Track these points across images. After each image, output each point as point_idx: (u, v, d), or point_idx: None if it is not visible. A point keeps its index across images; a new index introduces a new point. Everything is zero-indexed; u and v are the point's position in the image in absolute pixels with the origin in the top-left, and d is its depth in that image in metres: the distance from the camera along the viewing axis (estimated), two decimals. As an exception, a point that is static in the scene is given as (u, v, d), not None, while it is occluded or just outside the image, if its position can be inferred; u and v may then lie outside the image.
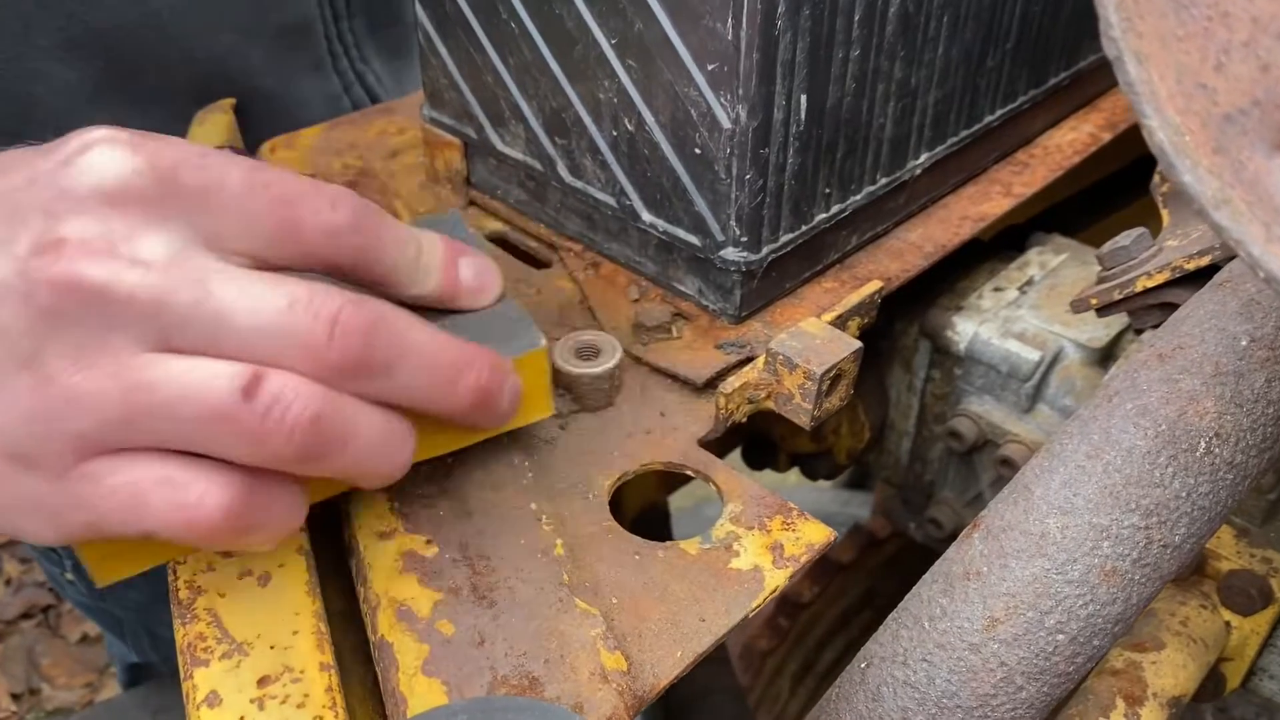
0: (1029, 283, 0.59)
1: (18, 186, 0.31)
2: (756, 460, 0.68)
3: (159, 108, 0.62)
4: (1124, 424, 0.37)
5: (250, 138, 0.63)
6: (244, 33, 0.66)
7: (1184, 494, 0.35)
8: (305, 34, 0.71)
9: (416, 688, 0.33)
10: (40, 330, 0.29)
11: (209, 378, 0.30)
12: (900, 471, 0.65)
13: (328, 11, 0.71)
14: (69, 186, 0.31)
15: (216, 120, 0.63)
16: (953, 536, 0.64)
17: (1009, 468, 0.56)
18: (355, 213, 0.34)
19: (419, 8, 0.53)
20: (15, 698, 1.75)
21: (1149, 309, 0.48)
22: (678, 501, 1.08)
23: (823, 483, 0.76)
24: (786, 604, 1.06)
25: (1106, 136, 0.64)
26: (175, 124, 0.64)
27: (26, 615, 1.85)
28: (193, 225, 0.32)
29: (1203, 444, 0.36)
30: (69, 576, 0.83)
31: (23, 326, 0.29)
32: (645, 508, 0.85)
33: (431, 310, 0.38)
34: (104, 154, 0.31)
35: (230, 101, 0.65)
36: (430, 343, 0.34)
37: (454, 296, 0.39)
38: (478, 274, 0.39)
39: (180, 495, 0.31)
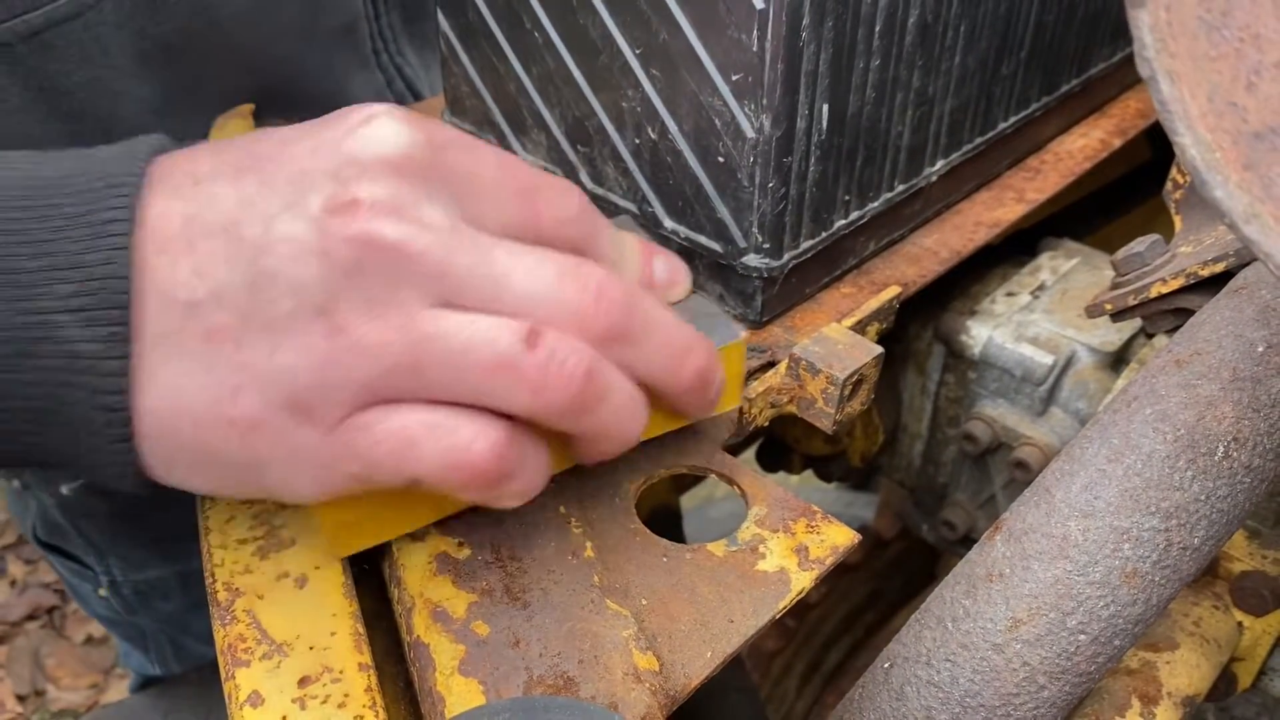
0: (1041, 287, 0.60)
1: (301, 154, 0.33)
2: (770, 462, 0.69)
3: (220, 113, 0.63)
4: (1143, 429, 0.37)
5: None
6: (300, 36, 0.68)
7: (1203, 497, 0.36)
8: (353, 33, 0.72)
9: (454, 687, 0.34)
10: (335, 284, 0.31)
11: (494, 330, 0.32)
12: (913, 474, 0.66)
13: (370, 9, 0.72)
14: (355, 153, 0.32)
15: (236, 125, 0.64)
16: (965, 538, 0.65)
17: (1023, 470, 0.57)
18: (581, 206, 0.37)
19: (441, 16, 0.53)
20: (21, 699, 1.76)
21: (1163, 314, 0.48)
22: (683, 501, 1.09)
23: (827, 484, 0.76)
24: (794, 605, 1.07)
25: (1117, 142, 0.64)
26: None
27: (32, 616, 1.86)
28: (457, 199, 0.34)
29: (1221, 448, 0.37)
30: (102, 593, 0.83)
31: (319, 281, 0.31)
32: (657, 508, 0.86)
33: None
34: (387, 126, 0.33)
35: (249, 107, 0.66)
36: (669, 321, 0.37)
37: (649, 289, 0.40)
38: (670, 270, 0.41)
39: (451, 439, 0.32)
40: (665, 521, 0.87)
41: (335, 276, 0.31)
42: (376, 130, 0.33)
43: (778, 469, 0.69)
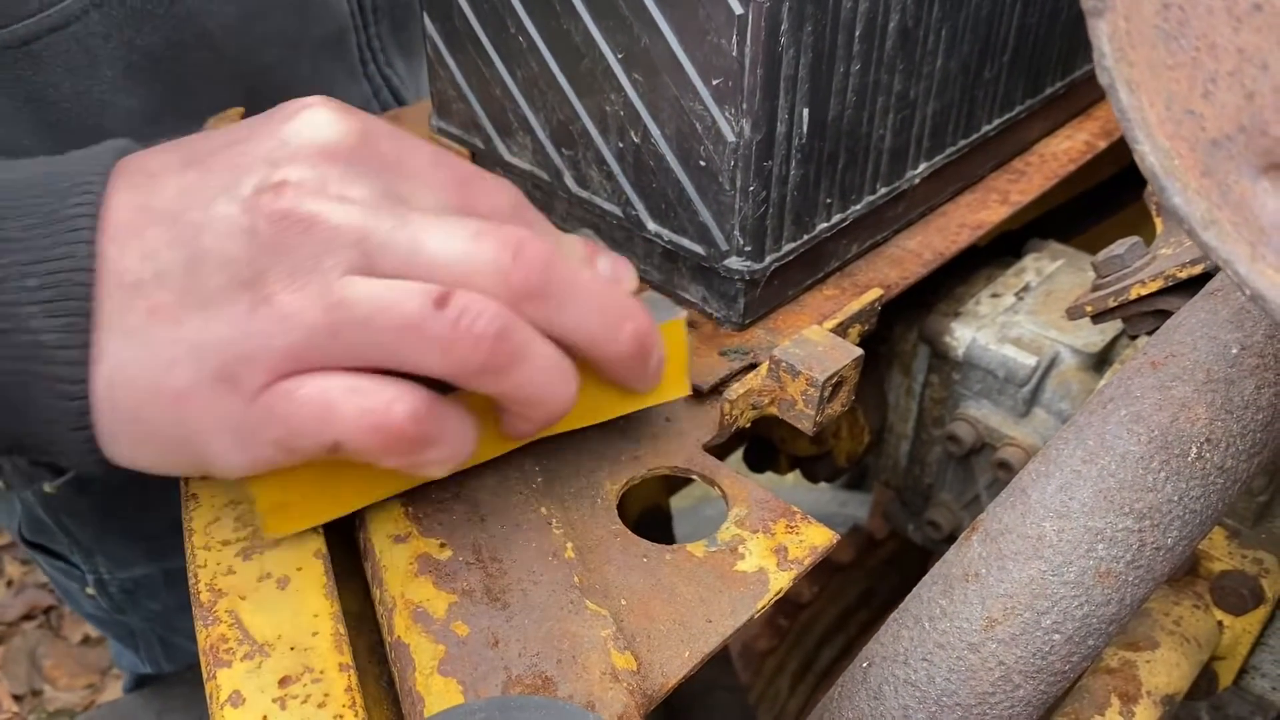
0: (1025, 289, 0.61)
1: (241, 141, 0.35)
2: (757, 462, 0.69)
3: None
4: (1118, 430, 0.38)
5: None
6: (289, 46, 0.68)
7: (1176, 498, 0.37)
8: (341, 43, 0.72)
9: (433, 687, 0.34)
10: (261, 258, 0.33)
11: (405, 293, 0.33)
12: (899, 474, 0.67)
13: (358, 19, 0.73)
14: (285, 140, 0.34)
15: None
16: (951, 538, 0.65)
17: (1006, 470, 0.57)
18: (516, 201, 0.38)
19: (427, 20, 0.54)
20: (17, 699, 1.76)
21: (1143, 315, 0.49)
22: (677, 501, 1.09)
23: (821, 484, 0.77)
24: (786, 604, 1.08)
25: (1101, 144, 0.65)
26: None
27: (28, 617, 1.86)
28: (388, 183, 0.35)
29: (1194, 449, 0.37)
30: (89, 591, 0.84)
31: (246, 256, 0.33)
32: (648, 509, 0.86)
33: None
34: (317, 114, 0.35)
35: (239, 110, 0.66)
36: (599, 284, 0.37)
37: None
38: (614, 266, 0.41)
39: (369, 401, 0.33)
40: (655, 522, 0.87)
41: (261, 251, 0.33)
42: (309, 118, 0.35)
43: (765, 469, 0.70)
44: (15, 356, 0.32)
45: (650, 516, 0.88)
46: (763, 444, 0.69)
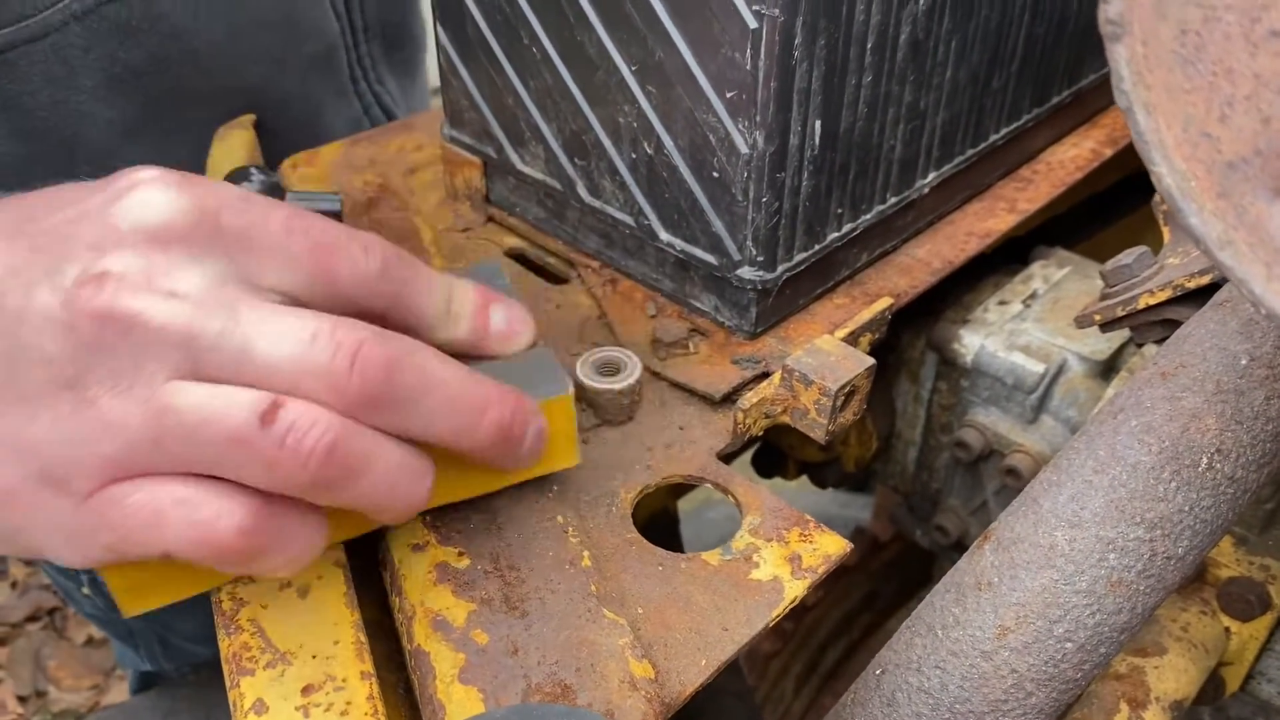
0: (1032, 296, 0.61)
1: (69, 220, 0.33)
2: (765, 468, 0.70)
3: (192, 139, 0.64)
4: (1129, 440, 0.38)
5: (279, 163, 0.64)
6: (276, 63, 0.68)
7: (1187, 508, 0.37)
8: (330, 61, 0.72)
9: (454, 695, 0.35)
10: (81, 358, 0.31)
11: (229, 404, 0.31)
12: (907, 480, 0.67)
13: (349, 37, 0.73)
14: (115, 223, 0.32)
15: (238, 137, 0.64)
16: (959, 542, 0.66)
17: (1014, 477, 0.58)
18: (386, 261, 0.36)
19: (440, 30, 0.54)
20: (22, 700, 1.76)
21: (1151, 325, 0.49)
22: (680, 504, 1.09)
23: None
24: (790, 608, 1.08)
25: (1108, 152, 0.65)
26: (204, 154, 0.66)
27: (33, 618, 1.86)
28: (233, 262, 0.33)
29: (1205, 460, 0.37)
30: (85, 591, 0.84)
31: (66, 354, 0.31)
32: (656, 513, 0.86)
33: (466, 356, 0.39)
34: (151, 193, 0.33)
35: (251, 118, 0.67)
36: (454, 379, 0.35)
37: (484, 342, 0.40)
38: (509, 320, 0.40)
39: (196, 514, 0.32)
40: (663, 526, 0.87)
41: (81, 350, 0.31)
42: (140, 197, 0.33)
43: (772, 475, 0.70)
44: None
45: (659, 521, 0.88)
46: (771, 449, 0.70)
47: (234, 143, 0.64)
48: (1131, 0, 0.23)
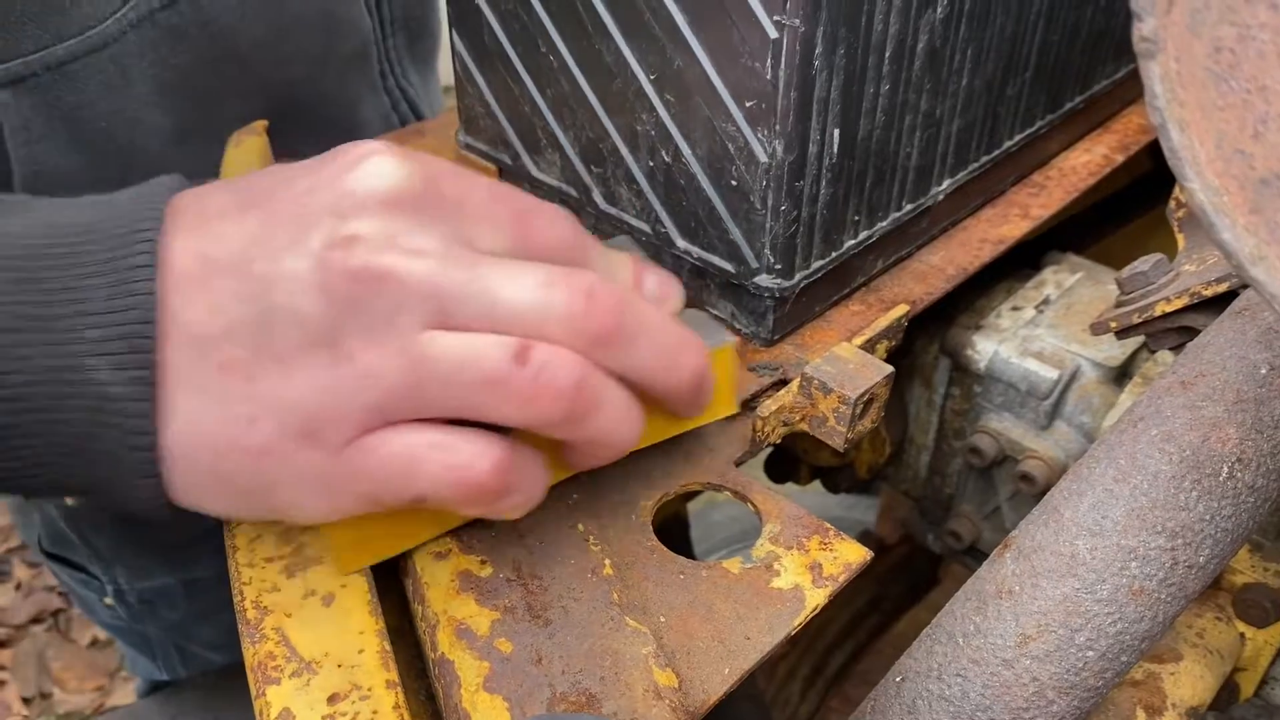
0: (1045, 302, 0.61)
1: (301, 193, 0.34)
2: (778, 473, 0.70)
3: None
4: (1149, 449, 0.38)
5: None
6: (315, 62, 0.69)
7: (1208, 517, 0.37)
8: (364, 57, 0.73)
9: (479, 704, 0.35)
10: (336, 316, 0.33)
11: (484, 347, 0.33)
12: (919, 485, 0.67)
13: (378, 32, 0.73)
14: (350, 190, 0.34)
15: (251, 144, 0.64)
16: (971, 548, 0.66)
17: (1028, 483, 0.58)
18: (573, 227, 0.38)
19: (456, 37, 0.54)
20: (26, 701, 1.76)
21: (1167, 332, 0.49)
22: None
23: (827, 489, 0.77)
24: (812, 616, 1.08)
25: (1120, 157, 0.65)
26: None
27: (37, 620, 1.86)
28: (452, 227, 0.35)
29: (1225, 469, 0.37)
30: (108, 601, 0.84)
31: (321, 313, 0.33)
32: (668, 519, 0.87)
33: None
34: (380, 163, 0.35)
35: (263, 123, 0.67)
36: (662, 321, 0.37)
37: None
38: (661, 285, 0.41)
39: (453, 457, 0.34)
40: (674, 532, 0.88)
41: (336, 309, 0.33)
42: (372, 167, 0.34)
43: (785, 480, 0.70)
44: (82, 408, 0.32)
45: (669, 526, 0.88)
46: (784, 455, 0.70)
47: (248, 149, 0.64)
48: (1165, 17, 0.24)
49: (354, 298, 0.33)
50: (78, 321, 0.32)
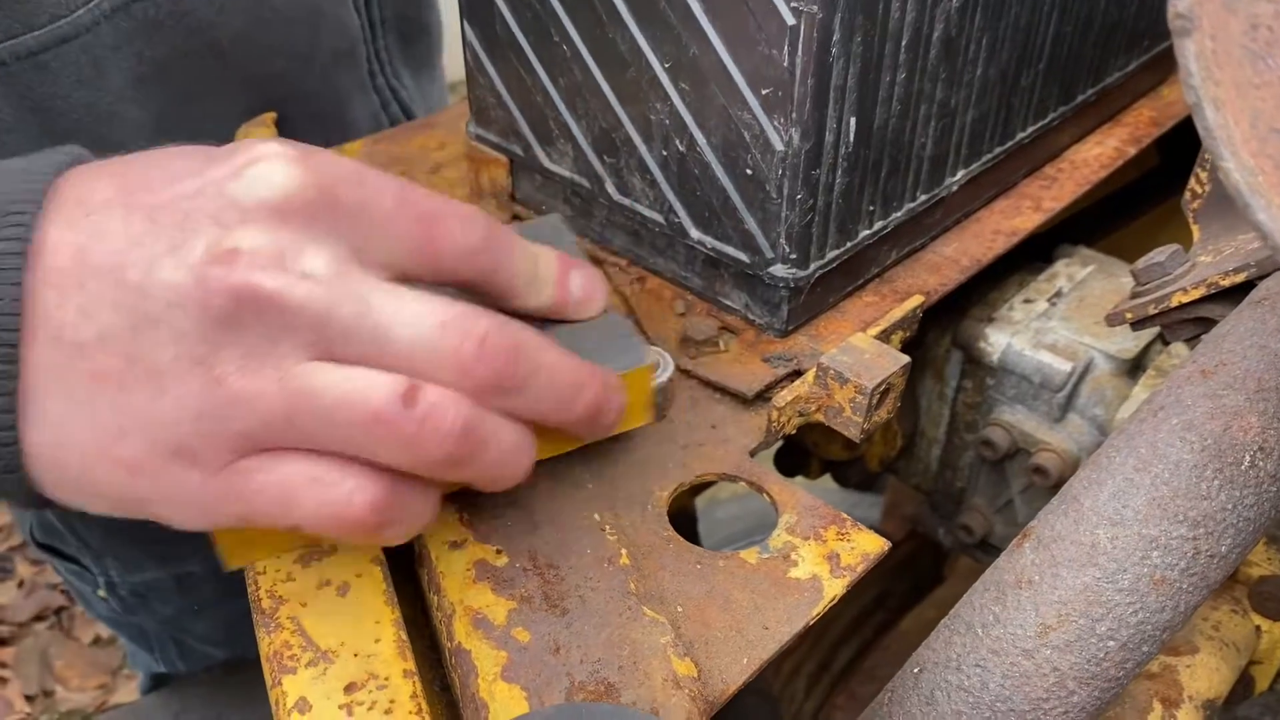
0: (1058, 294, 0.61)
1: (187, 194, 0.33)
2: (789, 467, 0.70)
3: (214, 135, 0.63)
4: (1170, 438, 0.38)
5: None
6: (299, 58, 0.68)
7: (1230, 506, 0.37)
8: (352, 55, 0.72)
9: (497, 694, 0.35)
10: (213, 335, 0.31)
11: (370, 385, 0.32)
12: (929, 478, 0.67)
13: (367, 32, 0.73)
14: (238, 197, 0.32)
15: (259, 136, 0.64)
16: (983, 541, 0.66)
17: (1041, 476, 0.58)
18: (486, 233, 0.37)
19: (467, 27, 0.54)
20: (29, 699, 1.76)
21: (1183, 323, 0.49)
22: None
23: (831, 485, 0.77)
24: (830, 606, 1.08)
25: (1131, 150, 0.65)
26: None
27: (39, 617, 1.86)
28: (348, 238, 0.33)
29: (1247, 458, 0.37)
30: (101, 594, 0.84)
31: (197, 331, 0.31)
32: (674, 513, 0.86)
33: (541, 320, 0.40)
34: (271, 167, 0.33)
35: (271, 116, 0.67)
36: (557, 363, 0.36)
37: (564, 308, 0.41)
38: (586, 286, 0.41)
39: (330, 493, 0.33)
40: (682, 526, 0.87)
41: (213, 327, 0.31)
42: (261, 172, 0.32)
43: (796, 473, 0.70)
44: None
45: (677, 520, 0.88)
46: (794, 448, 0.69)
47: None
48: (1201, -5, 0.23)
49: (232, 318, 0.31)
50: None
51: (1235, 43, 0.23)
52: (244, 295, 0.31)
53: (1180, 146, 0.70)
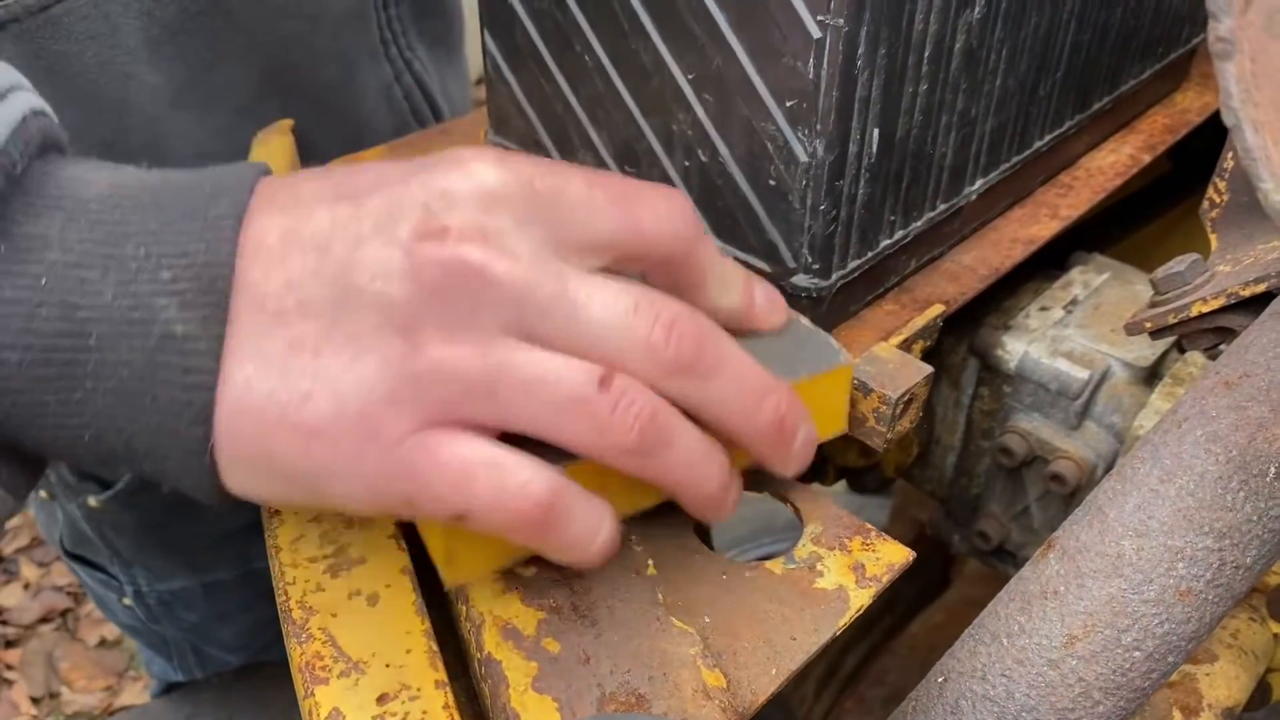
0: (1074, 302, 0.61)
1: (397, 185, 0.34)
2: (805, 474, 0.70)
3: (228, 103, 0.64)
4: (1195, 449, 0.38)
5: (314, 129, 0.64)
6: (307, 20, 0.68)
7: (1255, 517, 0.37)
8: (361, 20, 0.72)
9: (529, 704, 0.35)
10: (420, 305, 0.32)
11: (568, 366, 0.33)
12: (944, 485, 0.67)
13: None
14: (447, 188, 0.33)
15: (277, 143, 0.64)
16: (1000, 548, 0.66)
17: (1058, 483, 0.58)
18: (687, 213, 0.37)
19: (487, 36, 0.54)
20: (35, 701, 1.76)
21: (1202, 332, 0.49)
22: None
23: (838, 488, 0.77)
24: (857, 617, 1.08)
25: (1146, 157, 0.65)
26: (243, 120, 0.66)
27: (45, 619, 1.86)
28: (548, 225, 0.34)
29: (1273, 469, 0.37)
30: (126, 601, 0.84)
31: (405, 300, 0.32)
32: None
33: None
34: (479, 165, 0.34)
35: (289, 123, 0.67)
36: (743, 360, 0.36)
37: (750, 315, 0.41)
38: (769, 298, 0.41)
39: (506, 479, 0.33)
40: (696, 528, 0.87)
41: (421, 297, 0.32)
42: (470, 168, 0.34)
43: (811, 480, 0.70)
44: (145, 347, 0.32)
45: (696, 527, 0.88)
46: (808, 455, 0.69)
47: (274, 148, 0.64)
48: (1242, 18, 0.23)
49: (441, 289, 0.32)
50: (153, 263, 0.32)
51: (1275, 65, 0.23)
52: (454, 267, 0.32)
53: (1190, 152, 0.70)
